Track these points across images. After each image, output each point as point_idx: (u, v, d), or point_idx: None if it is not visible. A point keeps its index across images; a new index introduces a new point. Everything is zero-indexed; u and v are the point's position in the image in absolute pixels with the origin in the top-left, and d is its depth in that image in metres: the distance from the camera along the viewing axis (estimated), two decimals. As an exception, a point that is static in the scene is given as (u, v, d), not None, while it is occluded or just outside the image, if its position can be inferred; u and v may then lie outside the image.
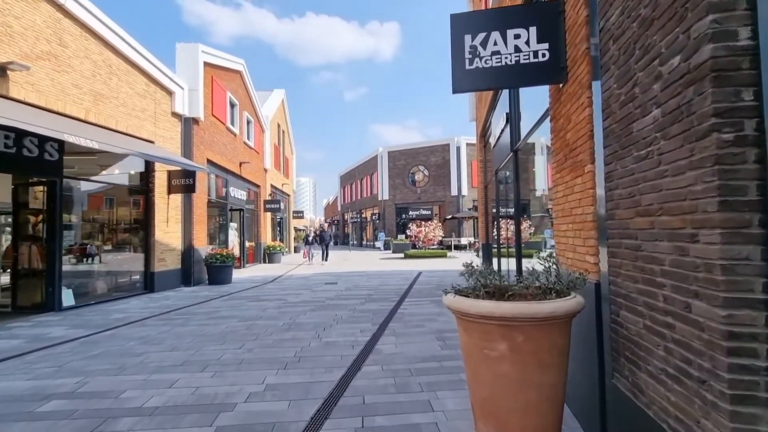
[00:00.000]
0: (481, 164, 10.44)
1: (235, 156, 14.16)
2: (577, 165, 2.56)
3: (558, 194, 3.02)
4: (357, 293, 8.68)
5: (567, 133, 2.77)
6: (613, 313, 2.09)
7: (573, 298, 2.07)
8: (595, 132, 2.30)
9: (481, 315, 2.01)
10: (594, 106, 2.32)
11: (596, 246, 2.30)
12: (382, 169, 31.92)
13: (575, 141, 2.59)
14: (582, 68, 2.45)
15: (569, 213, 2.75)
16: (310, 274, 12.86)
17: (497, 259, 7.86)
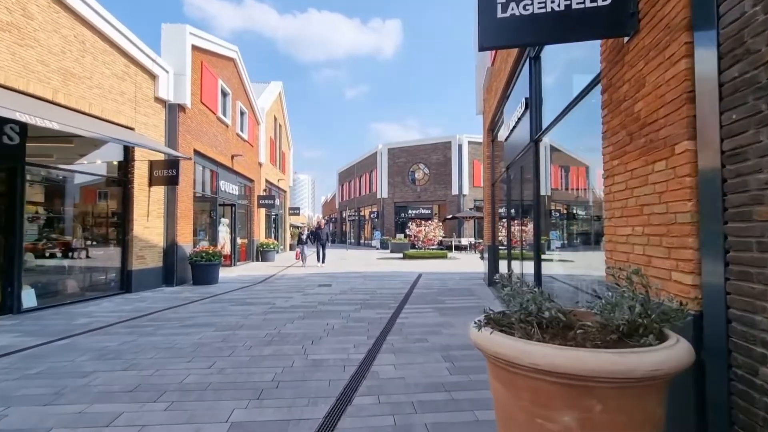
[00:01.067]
0: (488, 160, 9.71)
1: (226, 148, 13.39)
2: (658, 145, 1.83)
3: (616, 187, 2.28)
4: (352, 298, 7.94)
5: (636, 104, 2.04)
6: (739, 367, 1.36)
7: (676, 343, 1.34)
8: (697, 93, 1.57)
9: (536, 367, 1.28)
10: (695, 57, 1.58)
11: (696, 259, 1.57)
12: (382, 167, 31.17)
13: (654, 111, 1.86)
14: (672, 6, 1.72)
15: (638, 212, 2.02)
16: (304, 275, 12.12)
17: (507, 263, 7.14)
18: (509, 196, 7.08)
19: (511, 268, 7.02)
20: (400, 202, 30.56)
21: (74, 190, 8.04)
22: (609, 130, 2.35)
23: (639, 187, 2.00)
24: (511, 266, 7.00)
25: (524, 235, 5.99)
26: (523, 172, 5.91)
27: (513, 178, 6.85)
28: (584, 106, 3.69)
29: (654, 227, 1.87)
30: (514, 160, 6.27)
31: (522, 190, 6.00)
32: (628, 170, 2.12)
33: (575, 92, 3.74)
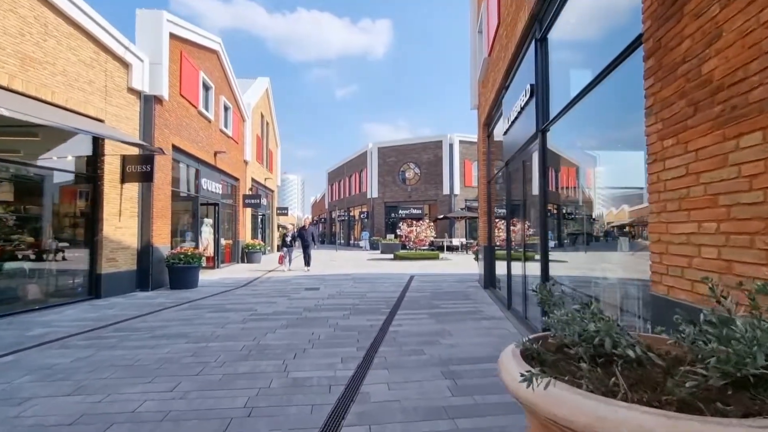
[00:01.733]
0: (484, 157, 9.27)
1: (209, 144, 12.73)
2: (747, 112, 1.37)
3: (668, 174, 1.82)
4: (341, 302, 7.41)
5: (704, 64, 1.58)
6: None
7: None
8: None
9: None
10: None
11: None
12: (372, 166, 30.66)
13: (739, 68, 1.39)
14: None
15: (708, 203, 1.56)
16: (290, 278, 11.54)
17: (506, 264, 6.70)
18: (509, 193, 6.64)
19: (510, 268, 6.58)
20: (390, 202, 30.08)
21: (38, 188, 7.35)
22: (658, 102, 1.89)
23: (711, 170, 1.54)
24: (511, 268, 6.56)
25: (527, 234, 5.55)
26: (526, 166, 5.47)
27: (513, 174, 6.41)
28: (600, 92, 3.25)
29: (738, 222, 1.41)
30: (516, 154, 5.83)
31: (524, 186, 5.56)
32: (690, 150, 1.66)
33: (591, 75, 3.30)
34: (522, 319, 5.60)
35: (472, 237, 27.84)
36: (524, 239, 5.49)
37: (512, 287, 6.49)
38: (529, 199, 5.52)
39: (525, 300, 5.49)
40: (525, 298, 5.49)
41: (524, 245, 5.47)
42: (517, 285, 6.32)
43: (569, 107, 3.84)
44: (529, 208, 5.56)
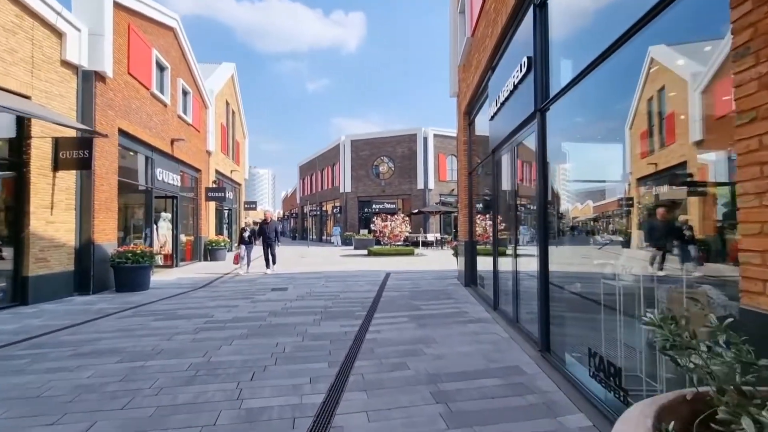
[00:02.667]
0: (464, 146, 8.74)
1: (164, 131, 11.55)
2: None
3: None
4: (311, 305, 6.68)
5: None
6: None
7: None
8: None
9: None
10: None
11: None
12: (345, 160, 29.78)
13: None
14: None
15: None
16: (256, 277, 10.64)
17: (493, 261, 6.18)
18: (496, 184, 6.10)
19: (497, 264, 6.06)
20: (363, 196, 29.34)
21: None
22: (762, 35, 1.31)
23: None
24: (497, 263, 6.04)
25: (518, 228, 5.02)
26: (519, 152, 4.92)
27: (501, 162, 5.87)
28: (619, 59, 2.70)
29: None
30: (505, 140, 5.28)
31: (515, 175, 5.01)
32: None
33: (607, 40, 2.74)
34: (512, 322, 5.08)
35: (446, 232, 27.60)
36: (516, 234, 4.96)
37: (499, 286, 5.98)
38: (522, 189, 4.99)
39: (516, 300, 4.96)
40: (516, 297, 4.96)
41: (515, 240, 4.94)
42: (504, 283, 5.82)
43: (577, 81, 3.28)
44: (521, 199, 5.02)
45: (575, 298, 3.82)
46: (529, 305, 4.74)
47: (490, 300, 6.49)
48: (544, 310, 3.90)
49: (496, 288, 6.06)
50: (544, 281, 3.91)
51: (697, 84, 2.16)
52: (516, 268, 4.96)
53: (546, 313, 3.90)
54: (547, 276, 3.91)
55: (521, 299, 4.89)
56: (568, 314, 3.90)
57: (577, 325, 3.82)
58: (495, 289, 6.08)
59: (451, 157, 28.43)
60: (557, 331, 3.88)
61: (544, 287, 3.91)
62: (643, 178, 2.79)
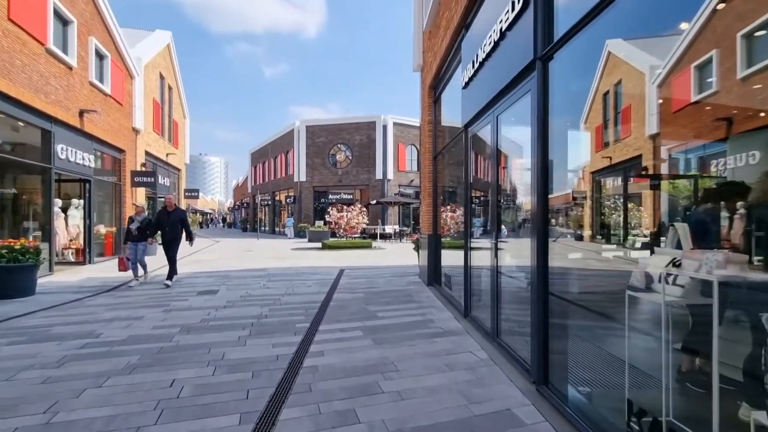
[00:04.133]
0: (429, 127, 7.68)
1: (69, 99, 9.49)
2: None
3: None
4: (241, 314, 5.36)
5: None
6: None
7: None
8: None
9: None
10: None
11: None
12: (299, 147, 27.97)
13: None
14: None
15: None
16: (188, 275, 9.03)
17: (464, 258, 5.18)
18: (468, 166, 5.07)
19: (468, 260, 5.07)
20: (319, 186, 27.75)
21: None
22: None
23: None
24: (469, 260, 5.05)
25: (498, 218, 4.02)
26: (501, 123, 3.89)
27: (478, 139, 4.85)
28: None
29: None
30: (485, 109, 4.24)
31: (497, 153, 3.99)
32: None
33: None
34: (490, 336, 4.10)
35: (405, 224, 26.80)
36: (496, 225, 3.96)
37: (472, 288, 4.99)
38: (512, 169, 3.99)
39: (496, 307, 3.98)
40: (496, 303, 3.97)
41: (495, 233, 3.94)
42: (478, 284, 4.84)
43: (595, 13, 2.27)
44: (505, 183, 4.02)
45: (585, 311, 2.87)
46: (515, 315, 3.77)
47: (459, 304, 5.51)
48: (541, 328, 2.91)
49: (467, 290, 5.07)
50: (541, 288, 2.92)
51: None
52: (496, 266, 3.96)
53: (544, 332, 2.91)
54: (546, 280, 2.92)
55: (503, 306, 3.91)
56: (572, 328, 2.94)
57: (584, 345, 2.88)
58: (466, 292, 5.10)
59: (411, 146, 27.56)
60: (557, 354, 2.91)
61: (541, 296, 2.92)
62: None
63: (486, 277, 4.38)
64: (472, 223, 5.19)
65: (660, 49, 2.15)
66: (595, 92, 2.67)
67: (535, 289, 2.96)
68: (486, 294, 4.40)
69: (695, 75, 1.80)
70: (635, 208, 2.68)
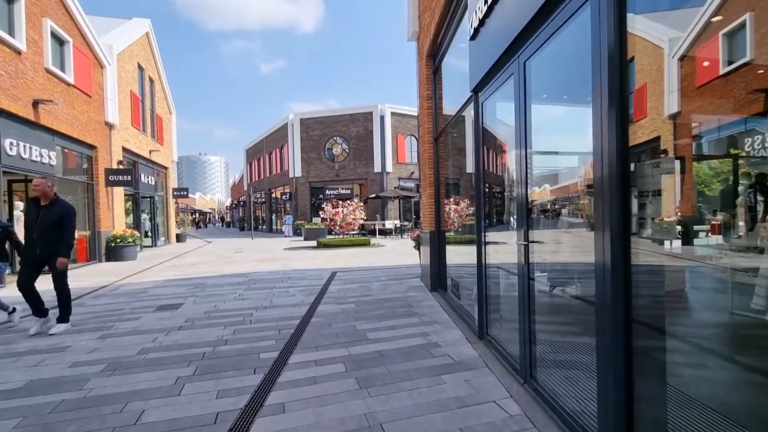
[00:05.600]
0: (428, 103, 6.50)
1: (18, 87, 8.35)
2: None
3: None
4: (196, 339, 4.23)
5: None
6: None
7: None
8: None
9: None
10: None
11: None
12: (294, 141, 26.78)
13: None
14: None
15: None
16: (155, 284, 7.93)
17: (478, 259, 4.03)
18: (480, 142, 3.89)
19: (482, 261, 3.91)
20: (315, 181, 26.59)
21: None
22: None
23: None
24: (484, 260, 3.89)
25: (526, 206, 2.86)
26: (531, 72, 2.71)
27: (491, 104, 3.67)
28: None
29: None
30: (507, 55, 3.06)
31: (526, 115, 2.81)
32: None
33: None
34: (519, 373, 2.95)
35: (406, 219, 25.65)
36: (525, 214, 2.80)
37: (488, 299, 3.84)
38: (546, 134, 2.82)
39: (527, 328, 2.82)
40: (527, 322, 2.82)
41: (525, 223, 2.78)
42: (497, 292, 3.70)
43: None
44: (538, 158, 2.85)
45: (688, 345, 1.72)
46: (561, 343, 2.62)
47: (470, 319, 4.37)
48: (619, 379, 1.76)
49: (482, 301, 3.92)
50: (618, 312, 1.76)
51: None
52: (527, 269, 2.80)
53: (623, 384, 1.76)
54: (627, 300, 1.76)
55: (538, 328, 2.76)
56: (672, 372, 1.79)
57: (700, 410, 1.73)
58: (481, 303, 3.94)
59: (411, 137, 26.33)
60: (647, 415, 1.77)
61: (618, 324, 1.76)
62: None
63: (510, 285, 3.23)
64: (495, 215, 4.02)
65: (680, 21, 1.74)
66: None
67: (608, 314, 1.81)
68: (510, 307, 3.26)
69: (724, 43, 1.49)
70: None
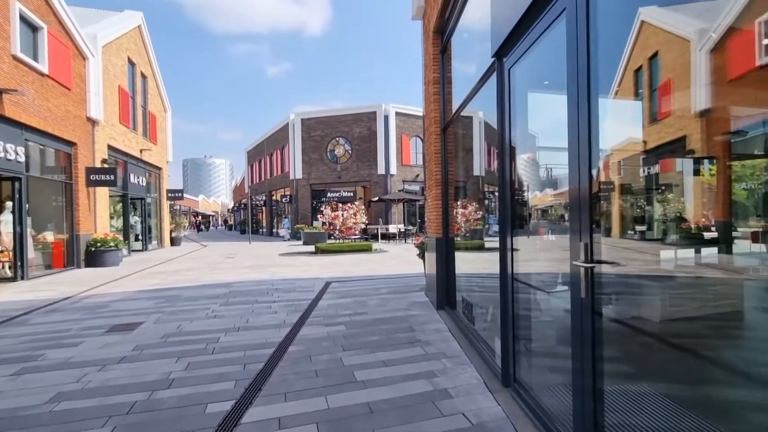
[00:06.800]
0: (435, 88, 5.52)
1: (-22, 74, 7.50)
2: None
3: None
4: (135, 378, 3.26)
5: None
6: None
7: None
8: None
9: None
10: None
11: None
12: (295, 142, 25.93)
13: None
14: None
15: None
16: (122, 296, 6.99)
17: (502, 276, 3.02)
18: (504, 119, 2.91)
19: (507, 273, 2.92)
20: (317, 183, 25.68)
21: None
22: None
23: None
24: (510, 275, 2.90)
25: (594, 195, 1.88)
26: (599, 8, 1.73)
27: (522, 66, 2.68)
28: None
29: None
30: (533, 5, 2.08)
31: (590, 73, 1.83)
32: None
33: None
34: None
35: (411, 223, 24.66)
36: (588, 216, 1.82)
37: (517, 327, 2.83)
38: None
39: (584, 375, 1.81)
40: (585, 370, 1.81)
41: (589, 229, 1.80)
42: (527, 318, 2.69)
43: None
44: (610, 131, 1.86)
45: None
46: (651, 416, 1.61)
47: (489, 351, 3.36)
48: None
49: (507, 332, 2.91)
50: None
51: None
52: (591, 299, 1.80)
53: None
54: None
55: (610, 377, 1.76)
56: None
57: None
58: (506, 335, 2.93)
59: (416, 138, 25.37)
60: None
61: None
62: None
63: (551, 308, 2.23)
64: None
65: (708, 12, 1.44)
66: (624, 70, 1.82)
67: None
68: (551, 342, 2.25)
69: (762, 31, 1.27)
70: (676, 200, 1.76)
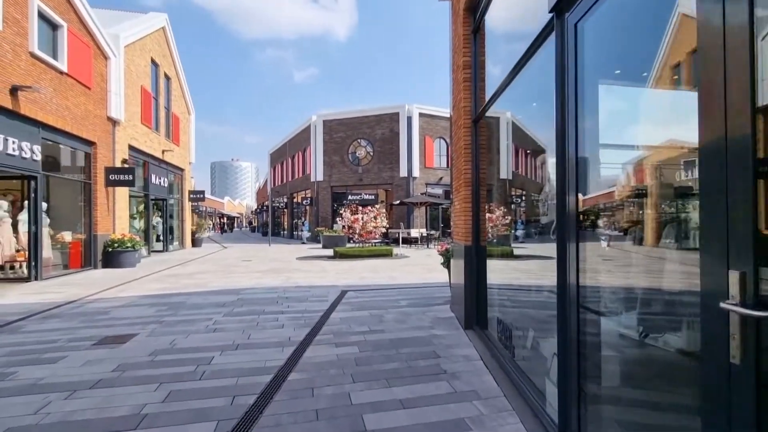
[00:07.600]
0: (466, 74, 4.81)
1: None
2: None
3: None
4: (104, 409, 2.72)
5: None
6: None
7: None
8: None
9: None
10: None
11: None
12: (316, 143, 25.64)
13: None
14: None
15: None
16: (127, 302, 6.61)
17: (559, 289, 2.29)
18: (565, 88, 2.21)
19: (567, 298, 2.20)
20: (337, 186, 25.28)
21: None
22: None
23: None
24: (573, 292, 2.19)
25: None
26: None
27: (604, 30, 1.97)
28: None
29: None
30: None
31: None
32: None
33: None
34: None
35: (433, 227, 23.85)
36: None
37: (583, 367, 2.09)
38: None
39: None
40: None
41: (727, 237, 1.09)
42: (591, 355, 1.95)
43: None
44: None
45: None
46: None
47: (537, 394, 2.63)
48: None
49: (569, 375, 2.17)
50: None
51: None
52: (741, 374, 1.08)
53: None
54: None
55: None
56: None
57: None
58: (566, 380, 2.20)
59: (440, 140, 24.60)
60: None
61: None
62: None
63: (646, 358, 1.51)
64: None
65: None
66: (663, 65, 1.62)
67: None
68: (634, 394, 1.53)
69: None
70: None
